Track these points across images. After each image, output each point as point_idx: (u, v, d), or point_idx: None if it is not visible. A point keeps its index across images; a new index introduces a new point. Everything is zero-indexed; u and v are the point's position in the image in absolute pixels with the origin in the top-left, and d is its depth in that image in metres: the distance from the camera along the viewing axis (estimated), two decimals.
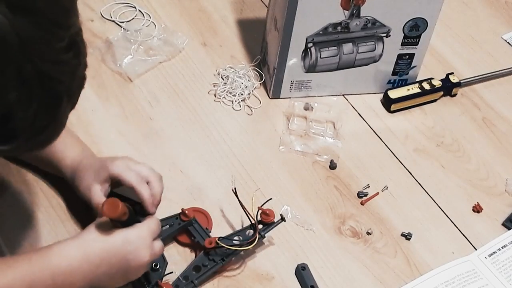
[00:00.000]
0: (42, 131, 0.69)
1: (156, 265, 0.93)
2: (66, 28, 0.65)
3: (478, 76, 1.33)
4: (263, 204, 1.00)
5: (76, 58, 0.67)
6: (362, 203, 1.11)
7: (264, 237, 0.99)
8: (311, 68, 1.22)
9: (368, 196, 1.11)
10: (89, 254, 0.84)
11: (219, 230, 1.02)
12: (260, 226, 0.99)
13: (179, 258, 0.99)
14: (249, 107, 1.23)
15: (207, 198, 1.07)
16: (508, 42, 1.44)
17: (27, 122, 0.66)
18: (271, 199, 1.01)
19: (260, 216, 0.99)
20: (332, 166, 1.15)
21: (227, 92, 1.23)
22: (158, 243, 0.91)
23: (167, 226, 0.98)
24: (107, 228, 0.86)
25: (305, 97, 1.25)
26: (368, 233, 1.07)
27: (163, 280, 0.94)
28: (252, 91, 1.25)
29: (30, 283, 0.80)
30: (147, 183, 0.95)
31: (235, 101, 1.22)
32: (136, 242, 0.87)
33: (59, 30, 0.64)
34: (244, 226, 1.01)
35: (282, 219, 1.00)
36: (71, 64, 0.67)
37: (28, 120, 0.65)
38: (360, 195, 1.12)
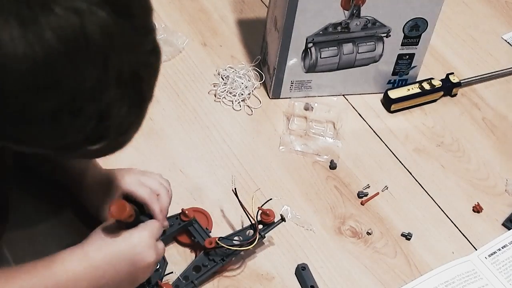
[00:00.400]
0: (126, 131, 0.72)
1: (156, 266, 0.93)
2: (152, 32, 0.69)
3: (478, 76, 1.33)
4: (263, 204, 1.00)
5: (157, 60, 0.70)
6: (362, 203, 1.11)
7: (264, 237, 0.99)
8: (311, 68, 1.22)
9: (368, 196, 1.11)
10: (94, 261, 0.84)
11: (219, 230, 1.02)
12: (260, 226, 0.99)
13: (179, 258, 0.99)
14: (249, 107, 1.23)
15: (207, 198, 1.07)
16: (508, 42, 1.44)
17: (118, 122, 0.68)
18: (271, 199, 1.01)
19: (260, 216, 0.99)
20: (332, 166, 1.15)
21: (227, 92, 1.23)
22: (160, 244, 0.91)
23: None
24: (110, 233, 0.86)
25: (305, 97, 1.25)
26: (368, 233, 1.07)
27: (163, 280, 0.94)
28: (252, 91, 1.25)
29: None
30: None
31: (235, 101, 1.23)
32: (140, 244, 0.87)
33: (148, 35, 0.68)
34: (244, 226, 1.01)
35: (282, 219, 1.00)
36: (154, 67, 0.70)
37: (119, 119, 0.68)
38: (360, 195, 1.12)
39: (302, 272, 0.99)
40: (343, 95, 1.27)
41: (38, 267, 0.82)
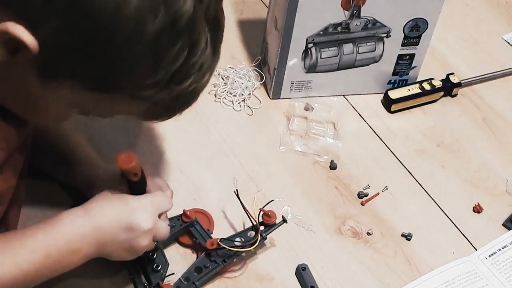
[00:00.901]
0: (203, 77, 0.78)
1: (157, 266, 0.93)
2: None
3: (479, 76, 1.34)
4: (265, 205, 1.00)
5: (224, 22, 0.79)
6: (362, 204, 1.11)
7: (266, 238, 0.99)
8: (311, 69, 1.22)
9: (368, 197, 1.12)
10: (95, 220, 0.85)
11: (220, 231, 1.02)
12: (262, 228, 0.99)
13: (180, 259, 0.99)
14: (249, 107, 1.23)
15: (207, 198, 1.07)
16: (508, 43, 1.44)
17: (201, 62, 0.75)
18: (272, 200, 1.01)
19: (262, 218, 0.99)
20: (333, 166, 1.15)
21: (227, 92, 1.24)
22: (163, 223, 0.91)
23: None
24: (114, 195, 0.87)
25: (306, 97, 1.25)
26: (368, 234, 1.07)
27: (164, 281, 0.94)
28: (253, 91, 1.25)
29: (47, 252, 0.82)
30: None
31: (236, 101, 1.23)
32: (139, 208, 0.87)
33: None
34: (245, 227, 1.02)
35: (284, 220, 1.00)
36: (224, 22, 0.79)
37: (202, 58, 0.75)
38: (360, 195, 1.12)
39: (302, 272, 0.99)
40: (343, 95, 1.27)
41: (48, 227, 0.83)
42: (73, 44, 0.69)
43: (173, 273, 0.95)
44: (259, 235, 0.97)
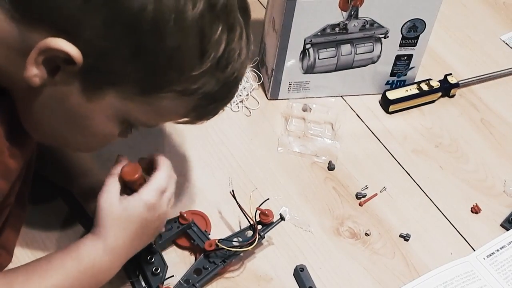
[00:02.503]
0: (242, 65, 0.78)
1: (156, 269, 0.93)
2: None
3: (477, 77, 1.34)
4: (261, 204, 1.00)
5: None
6: (360, 204, 1.11)
7: (264, 237, 0.99)
8: (309, 69, 1.22)
9: (366, 197, 1.12)
10: (116, 251, 0.85)
11: (217, 231, 1.02)
12: (259, 227, 0.99)
13: (179, 262, 0.98)
14: (247, 108, 1.23)
15: (205, 199, 1.07)
16: (506, 43, 1.44)
17: (238, 48, 0.76)
18: (268, 199, 1.01)
19: (259, 217, 0.99)
20: (331, 167, 1.15)
21: None
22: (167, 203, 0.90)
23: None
24: (122, 218, 0.85)
25: (304, 98, 1.25)
26: (367, 234, 1.07)
27: (164, 284, 0.94)
28: (250, 92, 1.25)
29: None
30: None
31: (233, 102, 1.22)
32: (150, 213, 0.86)
33: None
34: (242, 227, 1.02)
35: (282, 218, 1.00)
36: (250, 11, 0.82)
37: (239, 43, 0.76)
38: (358, 196, 1.12)
39: (300, 273, 0.99)
40: (341, 96, 1.27)
41: (69, 262, 0.83)
42: (116, 42, 0.67)
43: (172, 276, 0.95)
44: (257, 234, 0.97)
